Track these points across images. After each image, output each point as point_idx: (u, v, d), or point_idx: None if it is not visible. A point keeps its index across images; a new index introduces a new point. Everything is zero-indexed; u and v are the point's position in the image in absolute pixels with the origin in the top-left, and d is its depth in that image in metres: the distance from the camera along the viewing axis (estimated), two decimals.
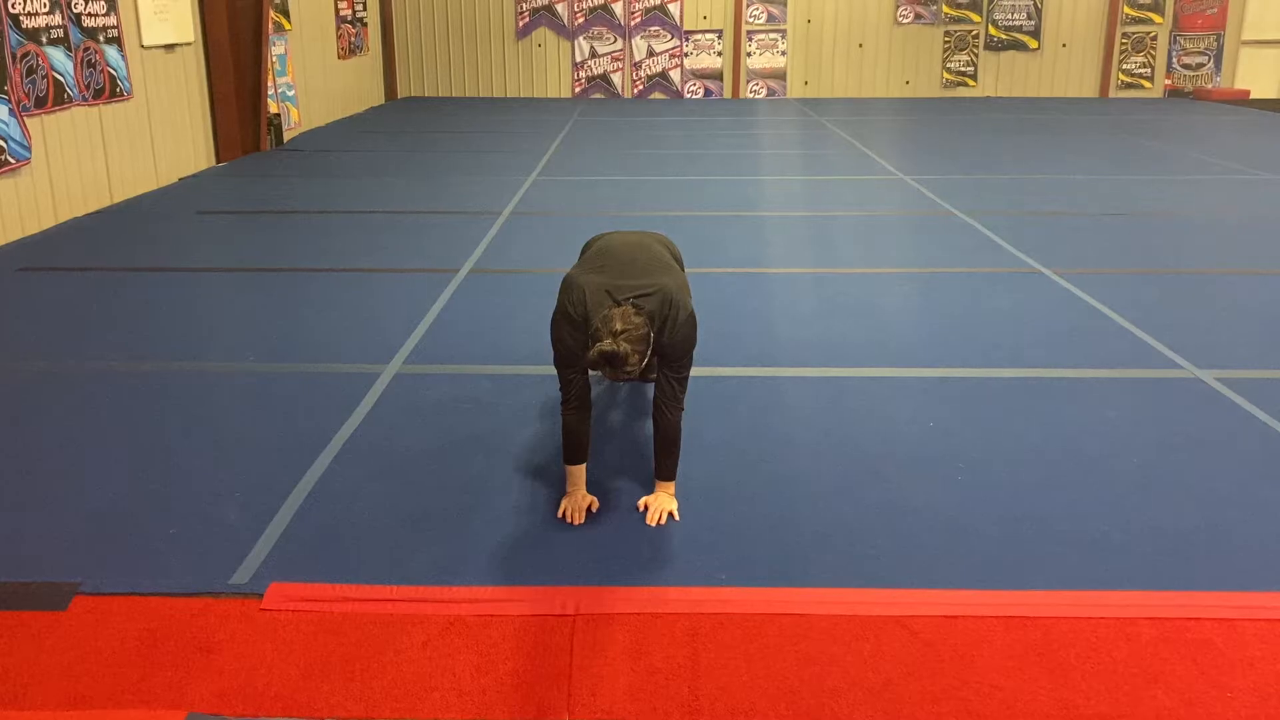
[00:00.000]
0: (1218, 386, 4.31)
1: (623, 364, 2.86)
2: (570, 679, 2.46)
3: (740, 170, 10.21)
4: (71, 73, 7.68)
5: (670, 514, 3.23)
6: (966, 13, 17.73)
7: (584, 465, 3.28)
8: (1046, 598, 2.77)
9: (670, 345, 3.12)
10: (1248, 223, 7.74)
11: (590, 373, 3.26)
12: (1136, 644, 2.58)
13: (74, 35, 7.74)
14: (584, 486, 3.29)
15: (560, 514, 3.23)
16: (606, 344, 2.85)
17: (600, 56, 17.80)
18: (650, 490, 3.35)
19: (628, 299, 3.05)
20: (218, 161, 10.38)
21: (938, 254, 6.75)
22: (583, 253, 3.56)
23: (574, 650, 2.56)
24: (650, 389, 4.25)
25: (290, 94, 12.47)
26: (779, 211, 8.21)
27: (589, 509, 3.24)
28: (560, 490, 3.34)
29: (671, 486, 3.29)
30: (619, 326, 2.89)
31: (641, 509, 3.27)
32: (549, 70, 17.88)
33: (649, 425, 3.92)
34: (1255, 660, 2.53)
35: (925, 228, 7.56)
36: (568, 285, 3.20)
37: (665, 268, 3.30)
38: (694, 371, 4.42)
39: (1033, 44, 17.83)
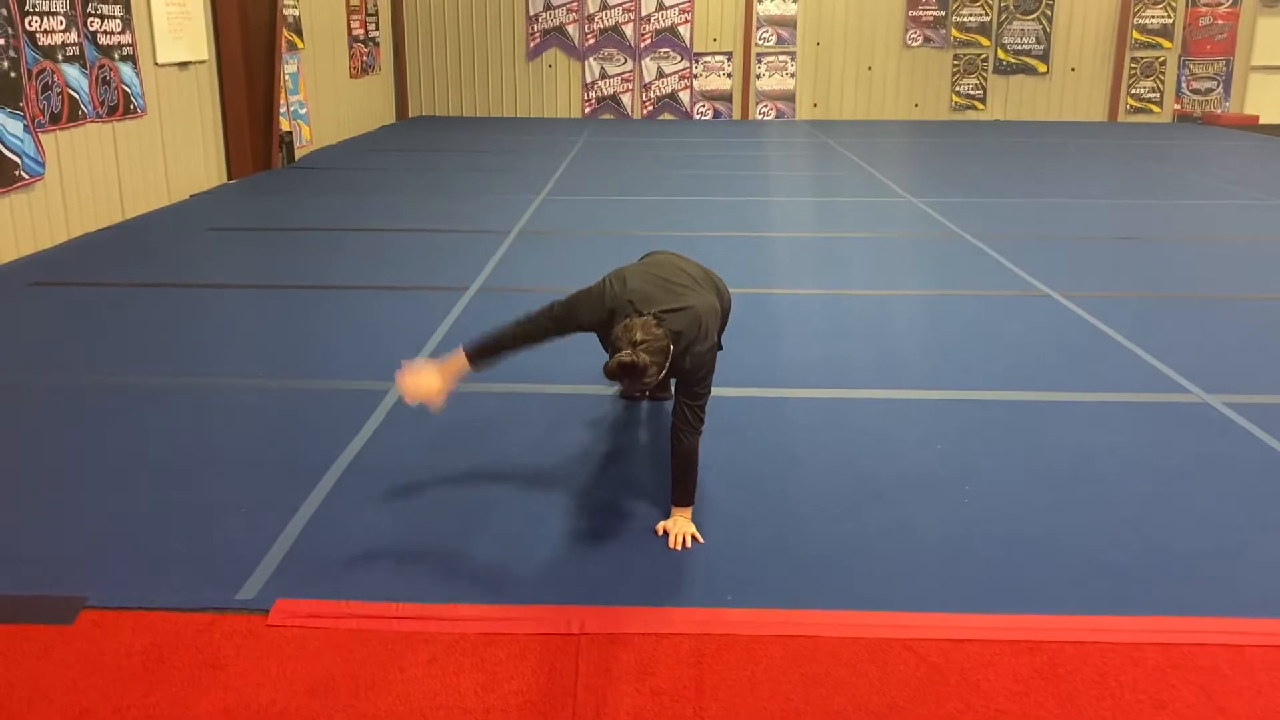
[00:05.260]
0: (1226, 411, 4.29)
1: (641, 375, 2.85)
2: (575, 698, 2.45)
3: (748, 191, 10.24)
4: (86, 89, 7.75)
5: (693, 537, 3.20)
6: (975, 36, 17.79)
7: (472, 365, 3.25)
8: (1054, 622, 2.76)
9: (689, 370, 3.10)
10: (1257, 248, 7.74)
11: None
12: (1143, 669, 2.57)
13: (89, 53, 7.82)
14: (454, 378, 3.25)
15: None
16: (626, 354, 2.84)
17: (610, 77, 17.89)
18: (664, 511, 3.33)
19: (652, 312, 3.04)
20: (229, 179, 10.44)
21: (945, 276, 6.76)
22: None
23: (579, 670, 2.56)
24: (668, 405, 4.26)
25: (302, 112, 12.55)
26: (787, 232, 8.23)
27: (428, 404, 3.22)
28: (566, 508, 3.35)
29: (689, 512, 3.25)
30: (639, 337, 2.88)
31: (660, 534, 3.23)
32: (559, 91, 17.97)
33: (655, 445, 3.93)
34: (1263, 687, 2.52)
35: (933, 250, 7.57)
36: (615, 277, 3.23)
37: (699, 292, 3.28)
38: None
39: (1041, 68, 17.88)
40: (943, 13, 17.66)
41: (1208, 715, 2.41)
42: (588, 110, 18.02)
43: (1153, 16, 17.68)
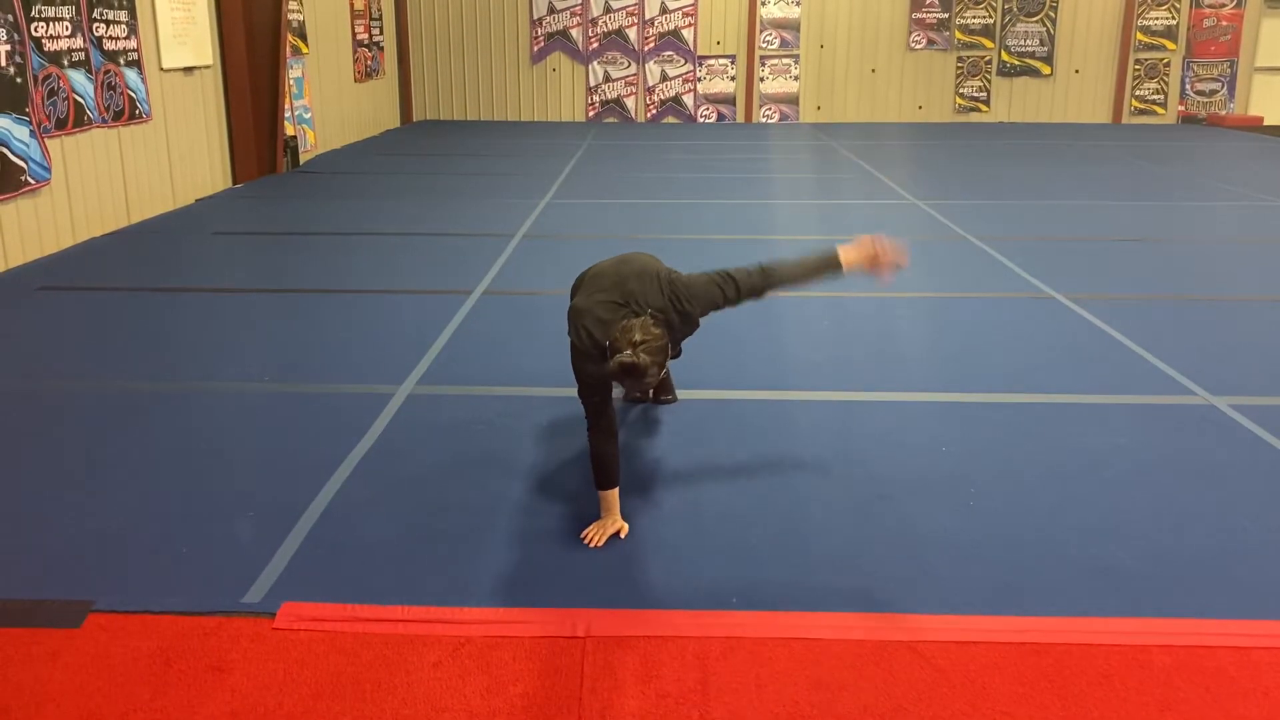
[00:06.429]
0: (1231, 413, 4.29)
1: (642, 375, 2.87)
2: (580, 702, 2.46)
3: (752, 194, 10.24)
4: (92, 95, 7.78)
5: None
6: (979, 39, 17.80)
7: (617, 490, 3.25)
8: (1059, 624, 2.76)
9: (704, 306, 3.19)
10: (1262, 249, 7.72)
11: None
12: (1149, 671, 2.57)
13: (95, 58, 7.84)
14: (618, 512, 3.26)
15: (583, 535, 3.22)
16: (626, 356, 2.86)
17: (614, 81, 17.92)
18: (667, 514, 3.32)
19: (641, 305, 3.07)
20: (234, 183, 10.47)
21: (950, 278, 6.75)
22: (574, 291, 3.52)
23: (584, 673, 2.56)
24: (661, 410, 4.27)
25: (307, 117, 12.58)
26: (791, 235, 8.23)
27: (618, 535, 3.22)
28: (571, 511, 3.35)
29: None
30: (638, 337, 2.90)
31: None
32: (563, 94, 18.00)
33: (660, 448, 3.94)
34: (1269, 689, 2.51)
35: (938, 252, 7.56)
36: (572, 319, 3.23)
37: (656, 270, 3.34)
38: (704, 395, 4.46)
39: (1046, 70, 17.87)
40: (946, 15, 17.67)
41: (1214, 718, 2.41)
42: (591, 114, 18.04)
43: (1156, 18, 17.67)
